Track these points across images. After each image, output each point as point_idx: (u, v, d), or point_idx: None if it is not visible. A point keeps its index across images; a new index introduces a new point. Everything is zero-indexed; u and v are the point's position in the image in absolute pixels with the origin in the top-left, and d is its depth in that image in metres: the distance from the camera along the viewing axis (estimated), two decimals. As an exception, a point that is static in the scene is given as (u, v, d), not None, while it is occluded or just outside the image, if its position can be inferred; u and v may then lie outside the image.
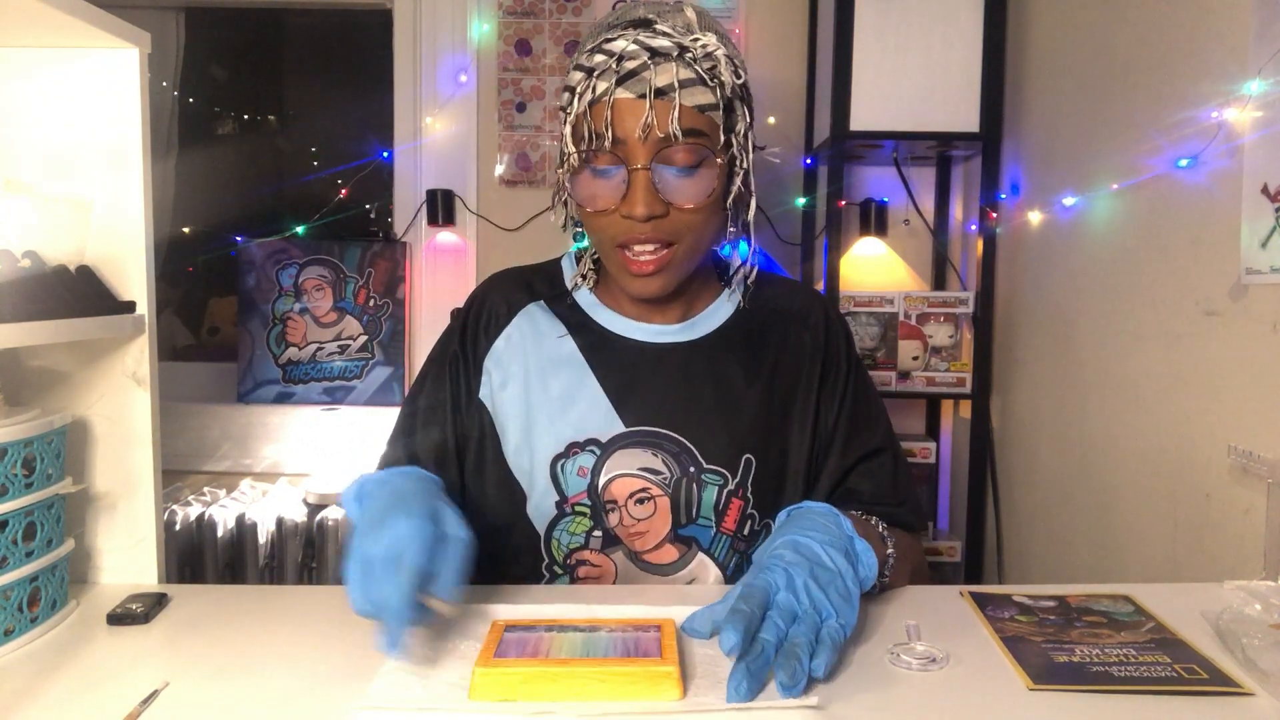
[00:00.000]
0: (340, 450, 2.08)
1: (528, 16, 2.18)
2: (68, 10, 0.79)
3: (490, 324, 1.01)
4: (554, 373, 0.98)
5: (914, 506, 1.02)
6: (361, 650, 0.75)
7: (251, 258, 2.18)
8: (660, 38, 0.87)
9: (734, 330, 1.02)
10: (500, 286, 1.05)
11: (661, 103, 0.86)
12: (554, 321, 1.01)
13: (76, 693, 0.69)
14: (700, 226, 0.91)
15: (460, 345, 1.01)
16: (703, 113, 0.88)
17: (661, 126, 0.86)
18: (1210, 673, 0.70)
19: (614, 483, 0.95)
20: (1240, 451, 1.11)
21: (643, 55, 0.86)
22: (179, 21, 2.36)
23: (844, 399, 1.01)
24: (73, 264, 0.86)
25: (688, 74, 0.87)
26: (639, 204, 0.87)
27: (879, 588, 0.86)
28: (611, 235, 0.91)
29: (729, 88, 0.90)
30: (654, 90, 0.86)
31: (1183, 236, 1.27)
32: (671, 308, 1.01)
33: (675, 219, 0.89)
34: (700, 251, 0.94)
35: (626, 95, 0.87)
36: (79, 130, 0.90)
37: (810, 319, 1.03)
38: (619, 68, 0.87)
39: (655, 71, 0.86)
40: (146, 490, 0.93)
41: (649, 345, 0.99)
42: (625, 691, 0.65)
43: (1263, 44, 1.09)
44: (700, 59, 0.87)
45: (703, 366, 0.99)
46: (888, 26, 1.82)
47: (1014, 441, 1.88)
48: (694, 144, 0.88)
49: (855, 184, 2.17)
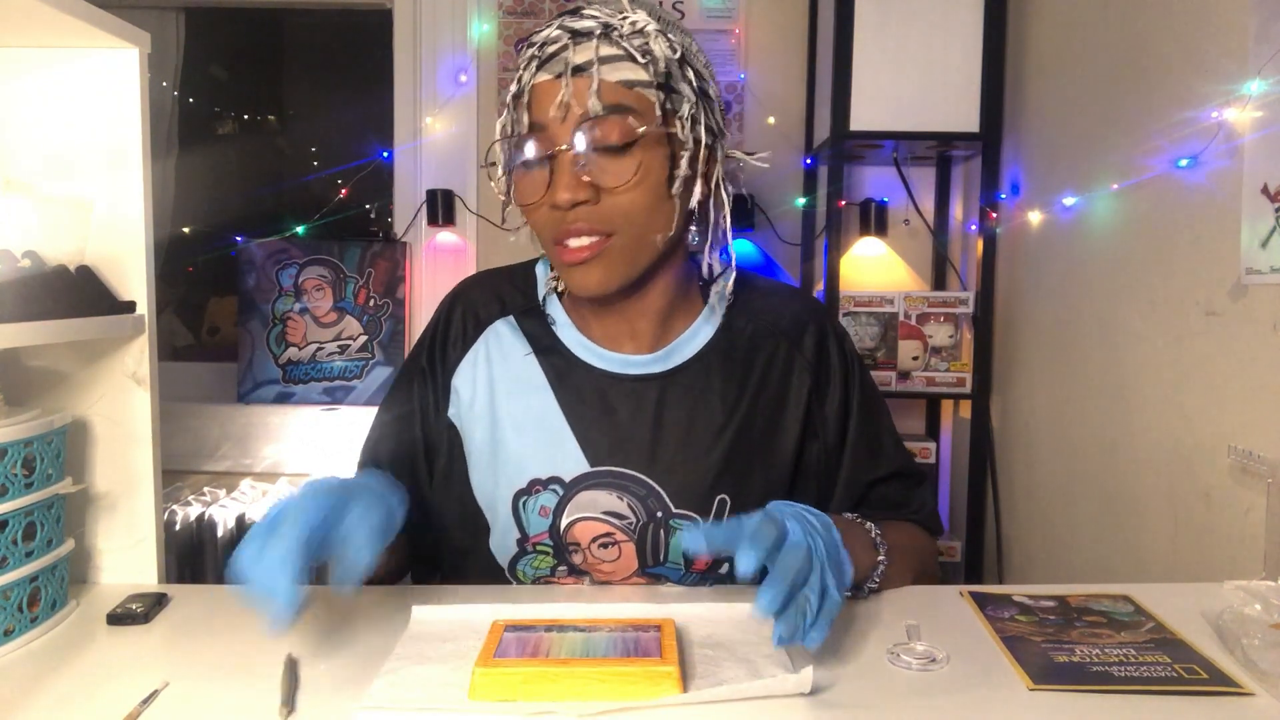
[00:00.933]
0: (340, 450, 2.08)
1: (528, 16, 2.18)
2: (68, 10, 0.78)
3: (457, 341, 0.97)
4: (519, 400, 0.93)
5: (932, 512, 1.00)
6: (361, 650, 0.75)
7: (251, 258, 2.18)
8: (585, 20, 0.83)
9: (714, 354, 0.94)
10: (469, 297, 0.99)
11: (579, 79, 0.81)
12: (520, 340, 0.95)
13: (76, 693, 0.69)
14: (639, 213, 0.84)
15: (428, 362, 0.98)
16: (630, 88, 0.82)
17: (580, 102, 0.81)
18: (1210, 673, 0.70)
19: (576, 525, 0.90)
20: (1240, 451, 1.11)
21: (564, 38, 0.82)
22: (179, 21, 2.36)
23: (849, 415, 0.96)
24: (73, 264, 0.86)
25: (612, 50, 0.82)
26: (561, 188, 0.82)
27: (865, 592, 0.86)
28: (549, 233, 0.85)
29: (663, 63, 0.83)
30: (570, 68, 0.81)
31: (1183, 236, 1.27)
32: (643, 332, 0.93)
33: (607, 205, 0.83)
34: (645, 245, 0.86)
35: (544, 78, 0.83)
36: (79, 130, 0.90)
37: (802, 338, 0.96)
38: (540, 53, 0.84)
39: (574, 50, 0.82)
40: (146, 490, 0.93)
41: (620, 377, 0.93)
42: (625, 691, 0.65)
43: (1263, 44, 1.09)
44: (628, 35, 0.82)
45: (676, 400, 0.93)
46: (888, 26, 1.82)
47: (1014, 441, 1.88)
48: (620, 120, 0.81)
49: (855, 184, 2.17)
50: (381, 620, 0.81)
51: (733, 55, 2.17)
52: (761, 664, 0.71)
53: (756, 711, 0.65)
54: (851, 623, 0.82)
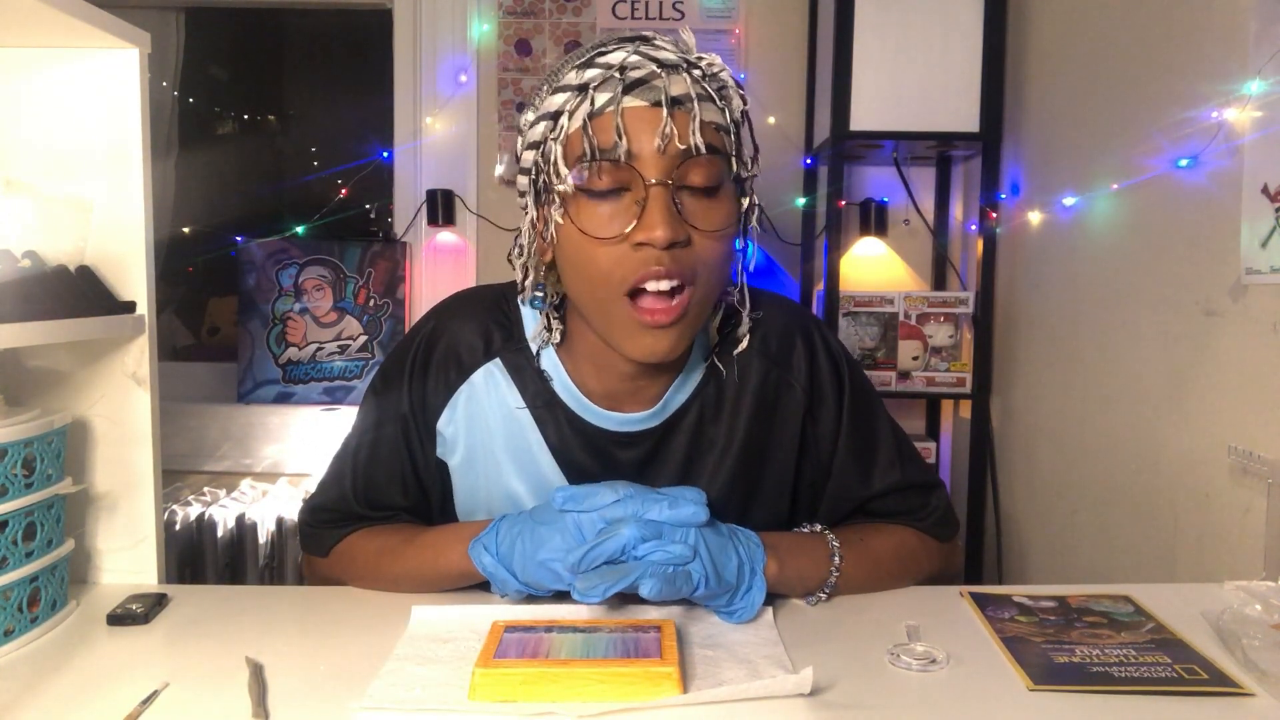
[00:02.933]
0: (340, 450, 2.07)
1: (528, 16, 2.18)
2: (68, 10, 0.78)
3: (438, 387, 0.91)
4: (511, 456, 0.90)
5: (940, 518, 0.96)
6: (361, 650, 0.75)
7: (251, 258, 2.18)
8: (664, 51, 0.78)
9: (708, 392, 0.91)
10: (450, 336, 0.92)
11: (680, 112, 0.76)
12: (510, 389, 0.90)
13: (76, 693, 0.69)
14: (719, 264, 0.80)
15: (410, 408, 0.92)
16: (716, 131, 0.79)
17: (683, 138, 0.75)
18: (1210, 673, 0.70)
19: None
20: (1240, 451, 1.11)
21: (649, 65, 0.76)
22: (179, 21, 2.36)
23: (840, 430, 0.94)
24: (73, 264, 0.86)
25: (699, 89, 0.78)
26: (659, 225, 0.74)
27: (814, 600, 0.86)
28: (619, 277, 0.77)
29: (738, 111, 0.81)
30: (669, 98, 0.75)
31: (1183, 236, 1.27)
32: (645, 390, 0.89)
33: (695, 251, 0.77)
34: (711, 300, 0.82)
35: (638, 103, 0.76)
36: (79, 130, 0.90)
37: (792, 357, 0.93)
38: (623, 76, 0.76)
39: (668, 80, 0.76)
40: (146, 490, 0.93)
41: (616, 434, 0.90)
42: (625, 692, 0.65)
43: (1263, 44, 1.09)
44: (708, 77, 0.79)
45: (675, 445, 0.90)
46: (888, 26, 1.82)
47: (1014, 441, 1.88)
48: (718, 161, 0.77)
49: (855, 184, 2.17)
50: (381, 620, 0.81)
51: (733, 55, 2.17)
52: (761, 664, 0.72)
53: (756, 712, 0.65)
54: (851, 623, 0.82)
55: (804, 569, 0.85)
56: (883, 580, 0.91)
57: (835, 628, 0.81)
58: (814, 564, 0.86)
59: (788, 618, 0.82)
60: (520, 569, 0.78)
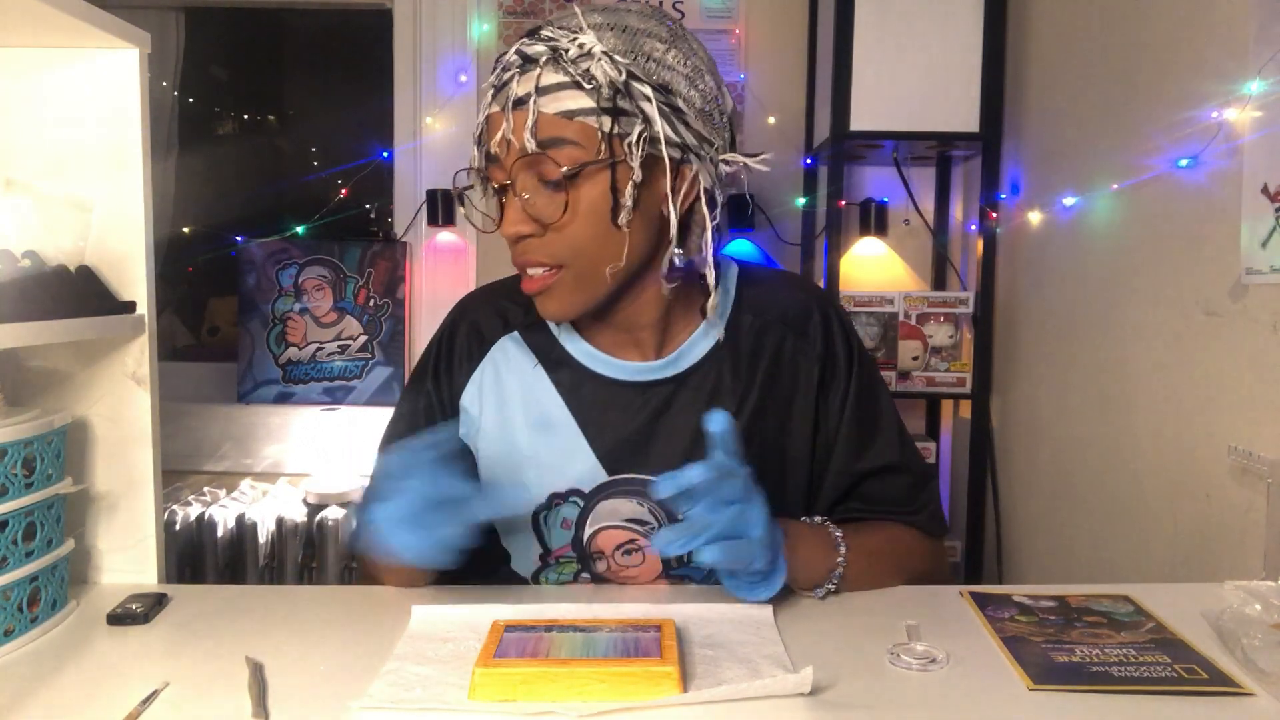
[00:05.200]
0: (340, 450, 2.08)
1: (528, 16, 2.18)
2: (68, 10, 0.78)
3: (462, 362, 0.96)
4: (531, 415, 0.93)
5: (933, 513, 0.98)
6: (361, 650, 0.75)
7: (251, 258, 2.18)
8: (539, 43, 0.81)
9: (723, 353, 0.93)
10: (471, 316, 0.98)
11: (518, 112, 0.80)
12: (527, 354, 0.94)
13: (76, 693, 0.69)
14: (584, 245, 0.83)
15: (434, 385, 0.96)
16: (571, 118, 0.80)
17: (517, 138, 0.80)
18: (1210, 673, 0.70)
19: (599, 535, 0.91)
20: (1240, 451, 1.11)
21: (514, 66, 0.81)
22: (179, 21, 2.36)
23: (845, 403, 0.95)
24: (73, 264, 0.86)
25: (556, 78, 0.79)
26: (506, 223, 0.83)
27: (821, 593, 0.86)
28: (513, 261, 0.87)
29: (607, 88, 0.79)
30: (513, 100, 0.81)
31: (1183, 236, 1.27)
32: (646, 341, 0.92)
33: (554, 239, 0.83)
34: (596, 277, 0.85)
35: (495, 109, 0.83)
36: (79, 130, 0.90)
37: (808, 326, 0.95)
38: (496, 80, 0.83)
39: (518, 81, 0.81)
40: (146, 490, 0.93)
41: (630, 384, 0.92)
42: (625, 691, 0.65)
43: (1263, 44, 1.09)
44: (574, 59, 0.79)
45: (688, 402, 0.92)
46: (888, 26, 1.82)
47: (1014, 441, 1.88)
48: (556, 154, 0.80)
49: (855, 184, 2.17)
50: (381, 620, 0.81)
51: (733, 55, 2.17)
52: (761, 664, 0.72)
53: (756, 711, 0.65)
54: (852, 623, 0.82)
55: (812, 557, 0.85)
56: (882, 575, 0.91)
57: (835, 628, 0.81)
58: (821, 553, 0.86)
59: (788, 618, 0.82)
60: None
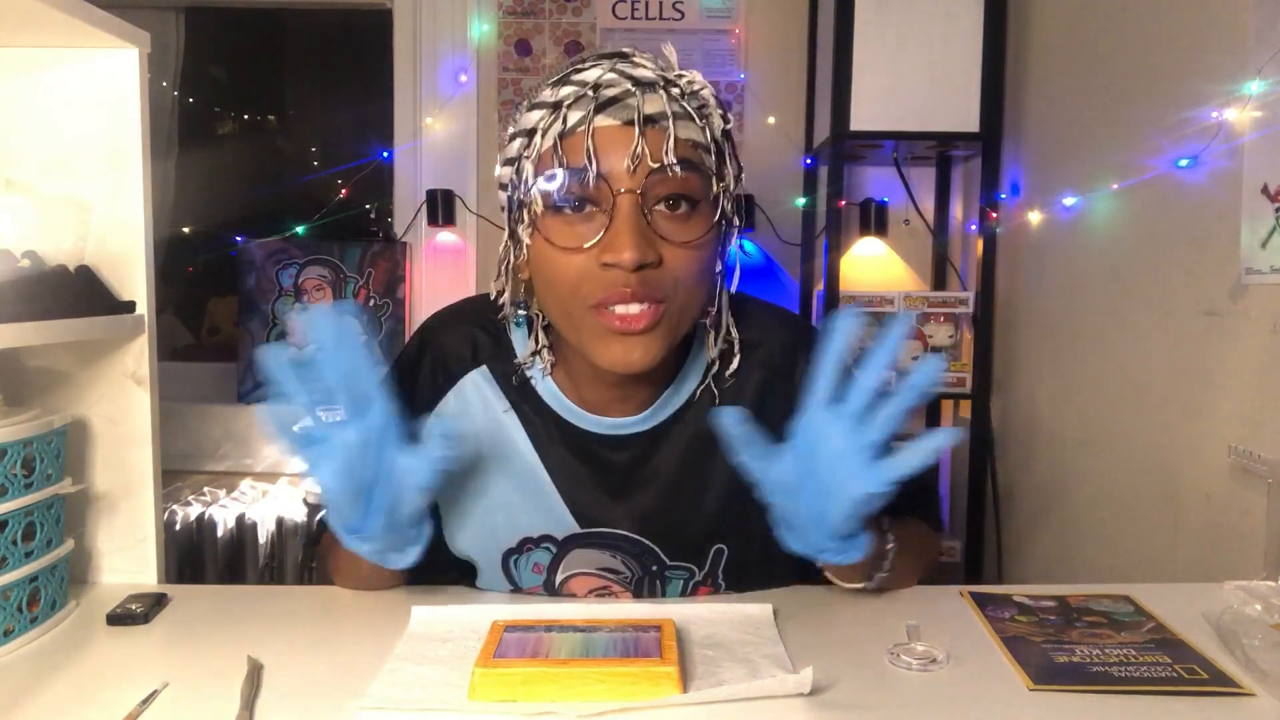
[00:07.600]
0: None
1: (528, 16, 2.18)
2: (68, 10, 0.78)
3: (425, 394, 0.90)
4: (498, 461, 0.88)
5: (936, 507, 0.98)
6: (361, 650, 0.75)
7: (251, 258, 2.18)
8: (641, 69, 0.76)
9: (704, 399, 0.88)
10: (437, 344, 0.91)
11: (654, 130, 0.74)
12: (497, 394, 0.88)
13: (76, 693, 0.69)
14: (693, 282, 0.77)
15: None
16: (694, 149, 0.76)
17: (655, 156, 0.73)
18: (1210, 673, 0.70)
19: (572, 580, 0.89)
20: (1240, 451, 1.11)
21: (624, 83, 0.75)
22: (179, 21, 2.36)
23: None
24: (73, 264, 0.86)
25: (677, 107, 0.76)
26: (627, 246, 0.72)
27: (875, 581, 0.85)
28: (585, 292, 0.75)
29: (718, 130, 0.79)
30: (643, 117, 0.74)
31: (1183, 236, 1.27)
32: (634, 397, 0.86)
33: (668, 270, 0.75)
34: (687, 321, 0.80)
35: (610, 122, 0.74)
36: (79, 130, 0.90)
37: (794, 371, 0.89)
38: (596, 95, 0.75)
39: (642, 99, 0.74)
40: (146, 490, 0.93)
41: (607, 437, 0.87)
42: (625, 691, 0.65)
43: (1263, 44, 1.09)
44: (688, 95, 0.77)
45: (667, 453, 0.88)
46: (888, 26, 1.82)
47: (1014, 441, 1.88)
48: (692, 178, 0.75)
49: (855, 184, 2.17)
50: (381, 620, 0.81)
51: (733, 55, 2.17)
52: (761, 664, 0.72)
53: (756, 712, 0.65)
54: (851, 623, 0.82)
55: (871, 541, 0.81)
56: (914, 566, 0.90)
57: (835, 628, 0.81)
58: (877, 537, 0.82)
59: (788, 617, 0.82)
60: None
